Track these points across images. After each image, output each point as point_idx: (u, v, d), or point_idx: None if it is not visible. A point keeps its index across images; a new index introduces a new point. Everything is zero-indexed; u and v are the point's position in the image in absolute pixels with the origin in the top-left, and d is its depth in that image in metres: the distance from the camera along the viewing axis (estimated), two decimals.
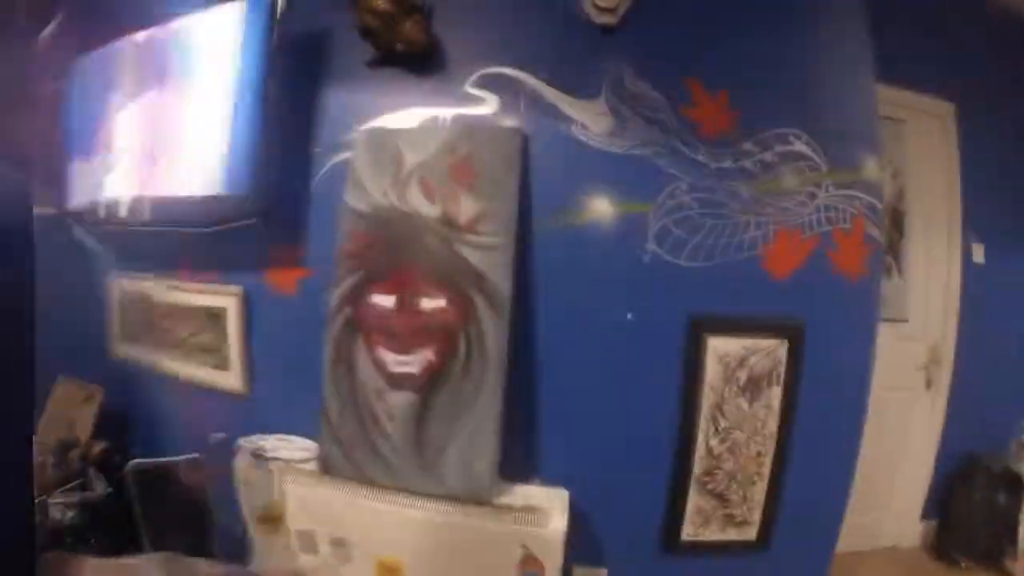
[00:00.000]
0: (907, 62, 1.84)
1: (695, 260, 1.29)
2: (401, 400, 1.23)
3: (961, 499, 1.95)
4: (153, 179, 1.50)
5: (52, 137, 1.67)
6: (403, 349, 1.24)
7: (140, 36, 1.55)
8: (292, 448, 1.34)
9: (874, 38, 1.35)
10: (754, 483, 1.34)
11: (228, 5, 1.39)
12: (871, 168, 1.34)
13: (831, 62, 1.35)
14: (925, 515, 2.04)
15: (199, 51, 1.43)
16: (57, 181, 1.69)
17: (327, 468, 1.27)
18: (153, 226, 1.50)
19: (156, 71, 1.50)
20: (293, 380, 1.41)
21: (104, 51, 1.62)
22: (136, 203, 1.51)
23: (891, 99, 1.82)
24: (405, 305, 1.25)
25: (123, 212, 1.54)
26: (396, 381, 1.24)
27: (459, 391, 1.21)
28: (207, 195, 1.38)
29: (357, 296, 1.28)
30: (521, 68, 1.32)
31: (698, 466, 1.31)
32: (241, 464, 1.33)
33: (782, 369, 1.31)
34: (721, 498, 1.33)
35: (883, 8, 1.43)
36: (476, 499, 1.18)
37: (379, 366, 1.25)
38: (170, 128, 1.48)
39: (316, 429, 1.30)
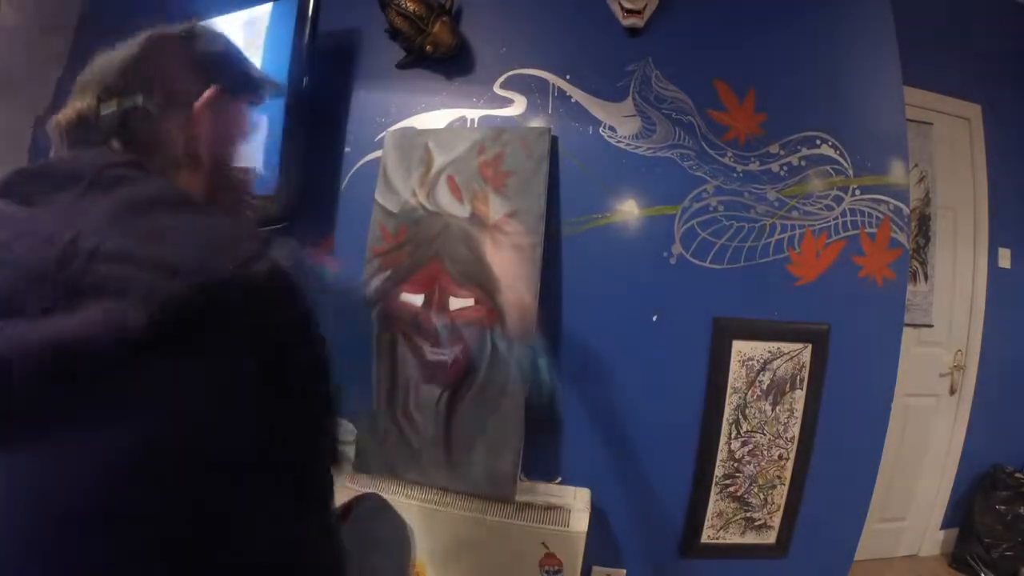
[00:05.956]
0: (933, 63, 1.81)
1: (720, 263, 1.29)
2: (431, 395, 1.25)
3: (982, 509, 1.92)
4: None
5: None
6: (436, 343, 1.26)
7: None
8: None
9: (900, 39, 1.34)
10: (775, 487, 1.33)
11: (259, 5, 1.41)
12: (898, 171, 1.33)
13: (858, 64, 1.33)
14: (945, 524, 2.01)
15: None
16: None
17: (362, 464, 1.28)
18: None
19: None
20: None
21: None
22: None
23: (917, 101, 1.80)
24: (434, 304, 1.27)
25: None
26: (430, 371, 1.26)
27: (485, 389, 1.22)
28: None
29: (387, 294, 1.30)
30: (549, 70, 1.33)
31: (719, 469, 1.31)
32: None
33: (806, 373, 1.30)
34: (742, 501, 1.33)
35: (909, 9, 1.42)
36: (499, 497, 1.19)
37: (416, 353, 1.27)
38: None
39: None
